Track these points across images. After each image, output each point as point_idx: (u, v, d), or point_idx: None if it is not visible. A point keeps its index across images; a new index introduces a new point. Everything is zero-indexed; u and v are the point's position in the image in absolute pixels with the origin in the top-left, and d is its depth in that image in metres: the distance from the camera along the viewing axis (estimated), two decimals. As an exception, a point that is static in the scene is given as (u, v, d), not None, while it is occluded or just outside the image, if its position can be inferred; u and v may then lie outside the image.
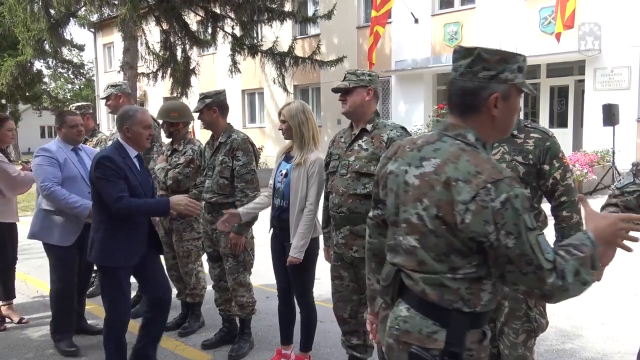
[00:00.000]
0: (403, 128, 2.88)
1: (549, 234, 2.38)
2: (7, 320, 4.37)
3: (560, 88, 13.27)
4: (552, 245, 1.46)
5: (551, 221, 2.47)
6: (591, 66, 11.74)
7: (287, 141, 3.31)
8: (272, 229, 3.39)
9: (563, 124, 13.16)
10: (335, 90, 2.93)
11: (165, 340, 3.65)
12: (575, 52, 11.55)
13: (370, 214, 1.93)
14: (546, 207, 2.48)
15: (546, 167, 2.32)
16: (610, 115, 10.11)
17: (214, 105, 3.63)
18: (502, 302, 2.43)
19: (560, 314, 4.20)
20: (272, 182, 3.31)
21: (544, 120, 13.33)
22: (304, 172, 3.08)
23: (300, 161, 3.08)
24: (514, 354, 2.43)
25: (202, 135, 14.36)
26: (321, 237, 3.21)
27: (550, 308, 4.25)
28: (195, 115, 3.77)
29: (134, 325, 3.41)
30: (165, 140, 4.41)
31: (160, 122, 4.10)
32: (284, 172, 3.23)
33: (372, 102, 2.87)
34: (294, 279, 3.21)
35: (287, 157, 3.28)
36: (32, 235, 3.84)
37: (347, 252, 2.87)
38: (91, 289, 4.82)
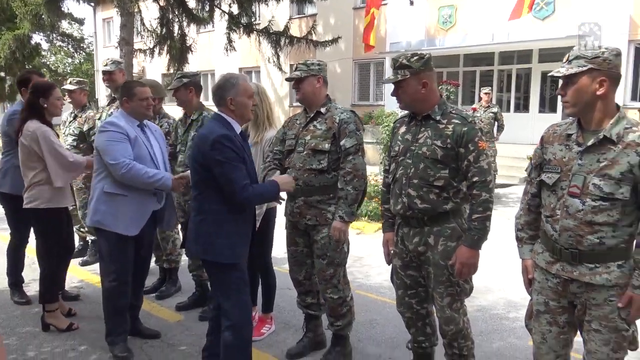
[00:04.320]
0: (352, 112, 3.16)
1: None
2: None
3: (552, 74, 13.39)
4: None
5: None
6: (581, 53, 11.87)
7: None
8: None
9: (553, 109, 13.35)
10: (288, 79, 3.22)
11: (143, 302, 3.84)
12: (565, 39, 11.70)
13: None
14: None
15: (462, 150, 2.55)
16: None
17: (191, 85, 3.90)
18: (429, 270, 2.68)
19: (510, 287, 4.52)
20: None
21: (534, 105, 13.53)
22: (260, 149, 3.35)
23: (257, 140, 3.35)
24: (443, 316, 2.71)
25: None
26: (279, 207, 3.50)
27: (501, 282, 4.60)
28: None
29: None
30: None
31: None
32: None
33: (322, 88, 3.18)
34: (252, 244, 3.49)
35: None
36: (96, 222, 3.27)
37: (301, 220, 3.16)
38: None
